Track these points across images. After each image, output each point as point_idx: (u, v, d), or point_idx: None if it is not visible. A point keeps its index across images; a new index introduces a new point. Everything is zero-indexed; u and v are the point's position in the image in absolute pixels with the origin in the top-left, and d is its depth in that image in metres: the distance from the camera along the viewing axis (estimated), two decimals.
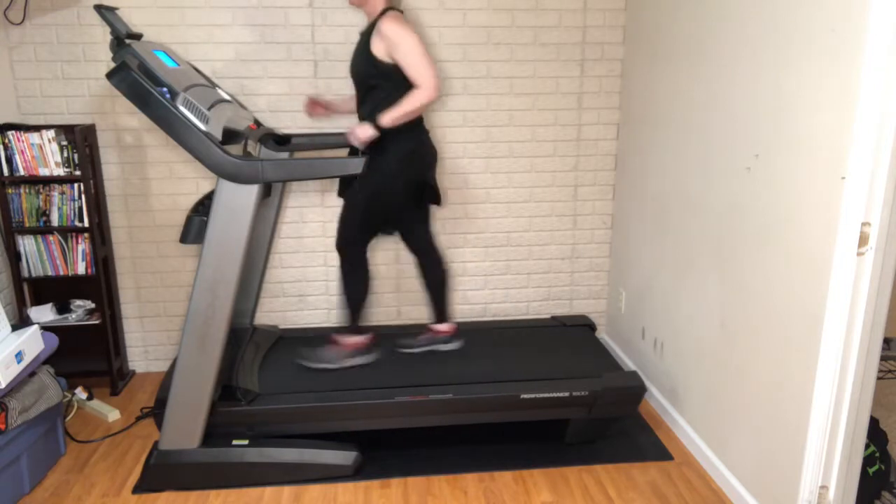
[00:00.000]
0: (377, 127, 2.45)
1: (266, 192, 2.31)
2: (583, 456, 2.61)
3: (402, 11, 2.58)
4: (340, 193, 2.78)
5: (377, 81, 2.52)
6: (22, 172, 2.86)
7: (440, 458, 2.60)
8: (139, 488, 2.44)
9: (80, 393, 2.99)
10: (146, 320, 3.32)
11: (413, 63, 2.43)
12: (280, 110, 3.16)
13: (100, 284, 3.02)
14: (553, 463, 2.57)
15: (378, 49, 2.48)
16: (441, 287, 2.86)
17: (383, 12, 2.50)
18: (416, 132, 2.61)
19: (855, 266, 1.80)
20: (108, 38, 2.94)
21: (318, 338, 2.99)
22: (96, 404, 2.97)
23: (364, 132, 2.45)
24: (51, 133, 2.83)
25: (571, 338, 3.08)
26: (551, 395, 2.53)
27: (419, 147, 2.62)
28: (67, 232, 2.97)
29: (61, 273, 2.99)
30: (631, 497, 2.39)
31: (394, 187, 2.58)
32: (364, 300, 2.75)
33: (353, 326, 2.77)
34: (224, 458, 2.42)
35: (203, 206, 2.33)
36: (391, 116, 2.45)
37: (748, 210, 2.23)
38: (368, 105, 2.59)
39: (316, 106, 2.88)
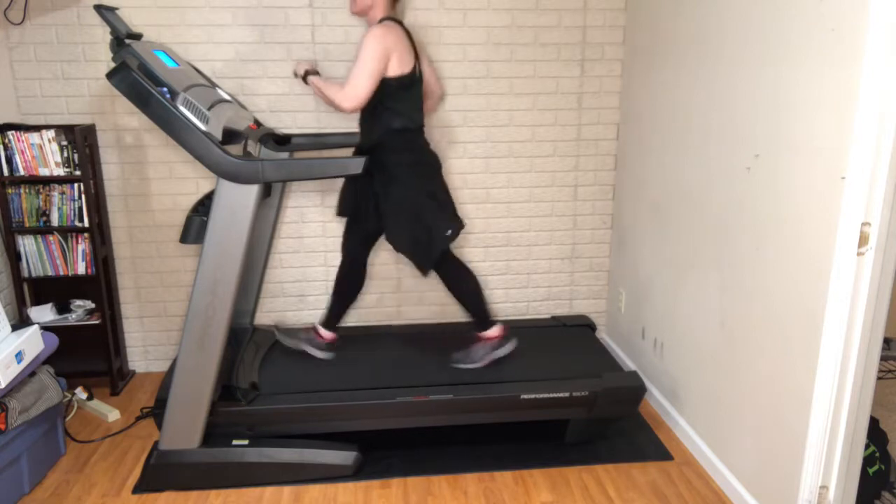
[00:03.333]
0: (304, 79, 2.64)
1: (266, 192, 2.31)
2: (583, 456, 2.61)
3: (400, 22, 2.57)
4: (339, 213, 2.79)
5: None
6: (22, 172, 2.86)
7: (440, 458, 2.60)
8: (139, 488, 2.44)
9: (80, 393, 2.99)
10: (146, 320, 3.32)
11: (356, 67, 2.43)
12: (280, 110, 3.16)
13: (100, 284, 3.02)
14: (553, 463, 2.57)
15: None
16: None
17: (380, 22, 2.50)
18: (414, 143, 2.62)
19: (855, 266, 1.80)
20: (108, 38, 2.94)
21: (467, 338, 2.93)
22: (96, 404, 2.98)
23: (299, 66, 2.68)
24: (51, 133, 2.83)
25: (571, 338, 3.08)
26: (551, 395, 2.53)
27: (421, 157, 2.64)
28: (67, 232, 2.97)
29: (61, 273, 2.99)
30: (631, 497, 2.39)
31: (417, 187, 2.59)
32: (481, 294, 2.76)
33: (487, 320, 2.79)
34: (224, 458, 2.42)
35: (203, 206, 2.34)
36: (314, 82, 2.58)
37: (748, 210, 2.23)
38: (365, 113, 2.61)
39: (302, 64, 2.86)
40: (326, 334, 2.90)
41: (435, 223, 2.61)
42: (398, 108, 2.53)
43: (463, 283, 2.74)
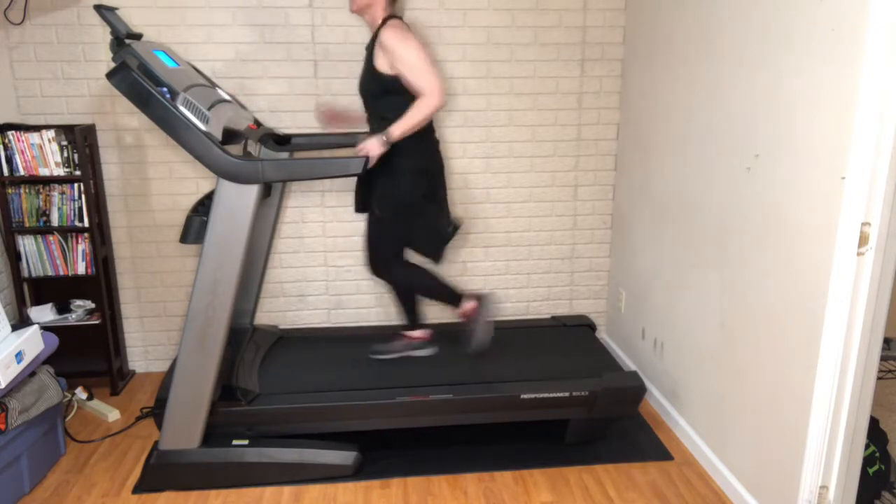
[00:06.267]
0: (386, 141, 2.37)
1: (266, 192, 2.31)
2: (583, 456, 2.61)
3: (401, 18, 2.55)
4: (358, 209, 2.76)
5: (382, 96, 2.48)
6: (22, 172, 2.86)
7: (440, 458, 2.60)
8: (139, 488, 2.44)
9: (80, 393, 2.99)
10: (146, 320, 3.32)
11: (414, 71, 2.37)
12: (280, 110, 3.16)
13: (100, 284, 3.02)
14: (553, 463, 2.57)
15: (381, 63, 2.44)
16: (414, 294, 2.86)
17: (384, 22, 2.47)
18: (425, 145, 2.58)
19: (855, 266, 1.80)
20: (108, 38, 2.94)
21: (461, 331, 2.96)
22: (96, 404, 2.98)
23: (374, 148, 2.34)
24: (51, 133, 2.83)
25: (571, 338, 3.08)
26: (551, 395, 2.53)
27: (429, 163, 2.61)
28: (67, 232, 2.97)
29: (61, 273, 2.99)
30: (631, 497, 2.39)
31: (412, 202, 2.56)
32: (437, 284, 2.71)
33: (454, 297, 2.75)
34: (224, 458, 2.42)
35: (203, 206, 2.34)
36: (400, 129, 2.37)
37: (748, 210, 2.23)
38: (375, 120, 2.56)
39: (332, 119, 2.88)
40: (418, 334, 2.91)
41: (395, 237, 2.63)
42: (404, 107, 2.44)
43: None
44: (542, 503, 2.36)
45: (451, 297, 2.74)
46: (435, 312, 3.49)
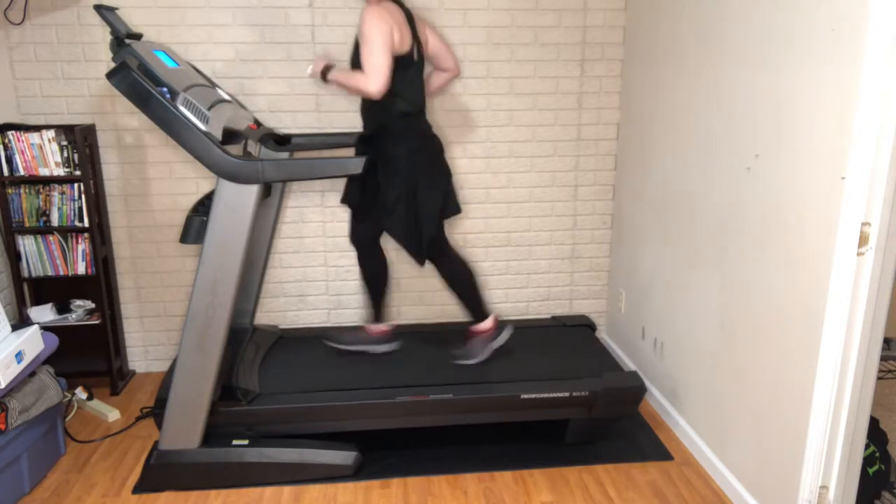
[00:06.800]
0: (326, 72, 2.55)
1: (266, 192, 2.31)
2: (583, 456, 2.61)
3: (401, 3, 2.55)
4: (343, 201, 2.78)
5: None
6: (22, 172, 2.86)
7: (440, 458, 2.60)
8: (139, 488, 2.44)
9: (80, 393, 2.99)
10: (146, 320, 3.32)
11: (366, 51, 2.39)
12: (280, 110, 3.16)
13: (100, 284, 3.02)
14: (553, 463, 2.57)
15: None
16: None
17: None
18: (412, 133, 2.59)
19: (855, 266, 1.80)
20: (108, 38, 2.94)
21: (460, 331, 2.99)
22: (96, 404, 2.98)
23: (316, 65, 2.58)
24: (51, 133, 2.83)
25: (571, 338, 3.08)
26: (551, 395, 2.53)
27: (420, 145, 2.61)
28: (67, 232, 2.97)
29: (61, 273, 2.99)
30: (631, 497, 2.39)
31: (415, 176, 2.57)
32: (477, 286, 2.79)
33: (481, 313, 2.82)
34: (224, 458, 2.42)
35: (203, 206, 2.34)
36: (336, 77, 2.52)
37: (748, 210, 2.23)
38: (363, 100, 2.60)
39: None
40: (377, 328, 2.92)
41: (426, 212, 2.60)
42: (397, 88, 2.50)
43: (458, 275, 2.75)
44: (542, 503, 2.36)
45: (479, 304, 2.80)
46: (422, 312, 3.49)
